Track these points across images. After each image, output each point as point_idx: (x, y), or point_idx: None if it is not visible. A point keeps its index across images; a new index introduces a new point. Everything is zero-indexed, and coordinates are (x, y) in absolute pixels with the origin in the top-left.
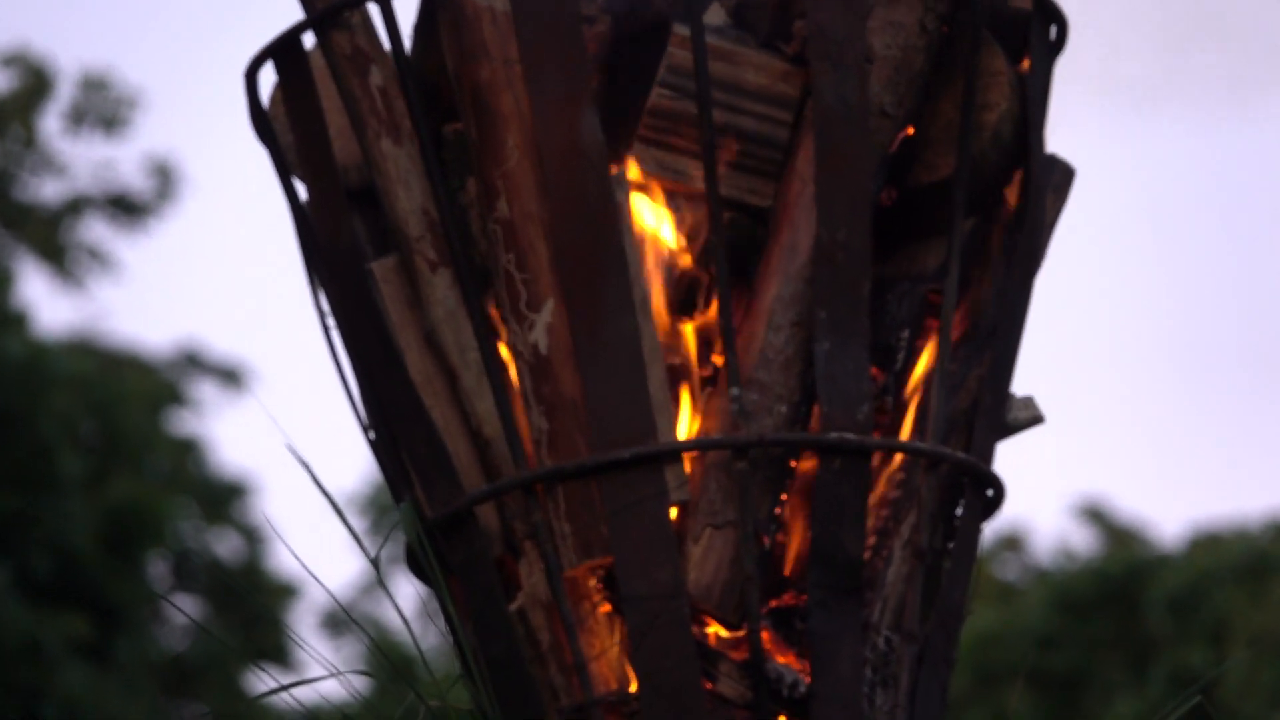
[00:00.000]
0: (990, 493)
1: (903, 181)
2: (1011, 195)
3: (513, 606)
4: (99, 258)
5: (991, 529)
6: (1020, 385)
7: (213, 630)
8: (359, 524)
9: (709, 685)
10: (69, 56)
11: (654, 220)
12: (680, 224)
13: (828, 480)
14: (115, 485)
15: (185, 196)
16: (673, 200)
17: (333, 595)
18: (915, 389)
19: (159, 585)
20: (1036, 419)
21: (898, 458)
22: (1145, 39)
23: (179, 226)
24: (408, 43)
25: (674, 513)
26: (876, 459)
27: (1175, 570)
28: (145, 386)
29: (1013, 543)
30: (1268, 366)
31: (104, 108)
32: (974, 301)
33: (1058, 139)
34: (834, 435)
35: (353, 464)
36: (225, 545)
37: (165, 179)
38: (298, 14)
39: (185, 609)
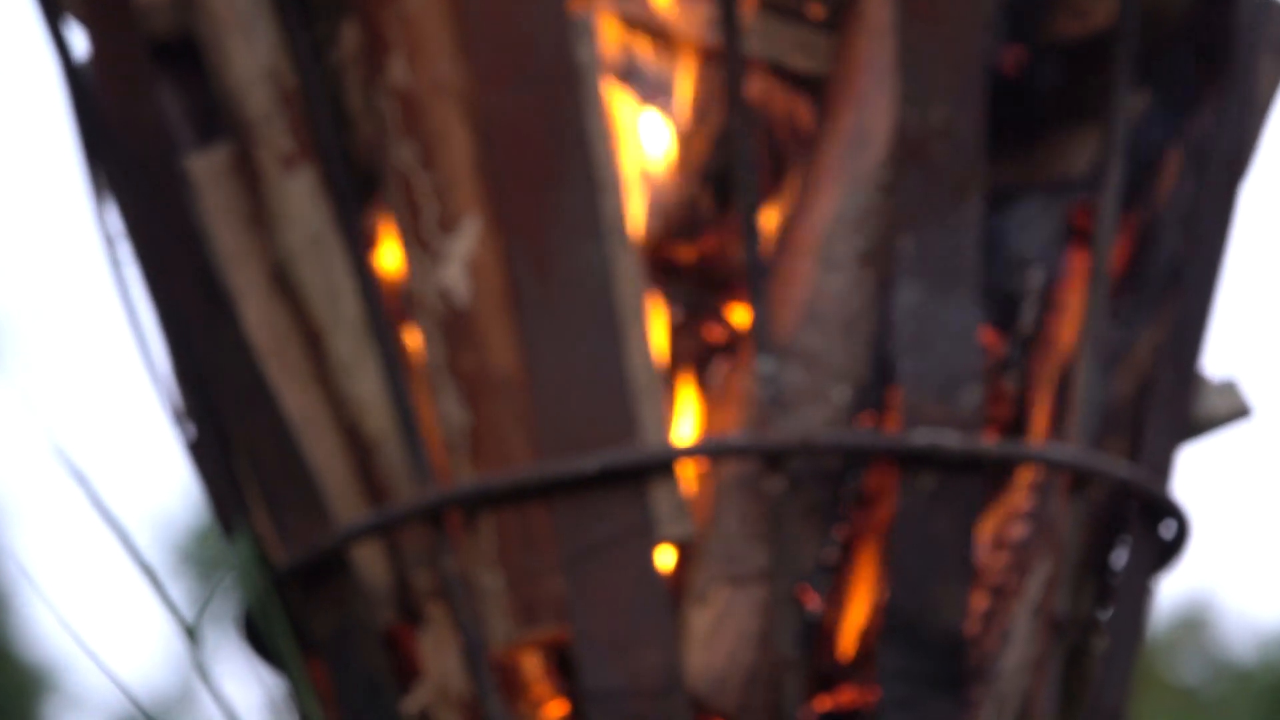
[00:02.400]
0: (1169, 529)
1: (1035, 36)
2: (1205, 58)
3: (409, 704)
4: None
5: (1172, 592)
6: (1215, 360)
7: None
8: (169, 574)
9: None
10: None
11: (639, 92)
12: (682, 98)
13: (914, 508)
14: None
15: None
16: (670, 61)
17: (123, 686)
18: (1051, 362)
19: None
20: (1241, 412)
21: (1023, 473)
22: None
23: None
24: None
25: (668, 558)
26: (990, 474)
27: None
28: None
29: (1195, 623)
30: None
31: None
32: (1145, 224)
33: None
34: (924, 436)
35: (160, 479)
36: None
37: None
38: None
39: None
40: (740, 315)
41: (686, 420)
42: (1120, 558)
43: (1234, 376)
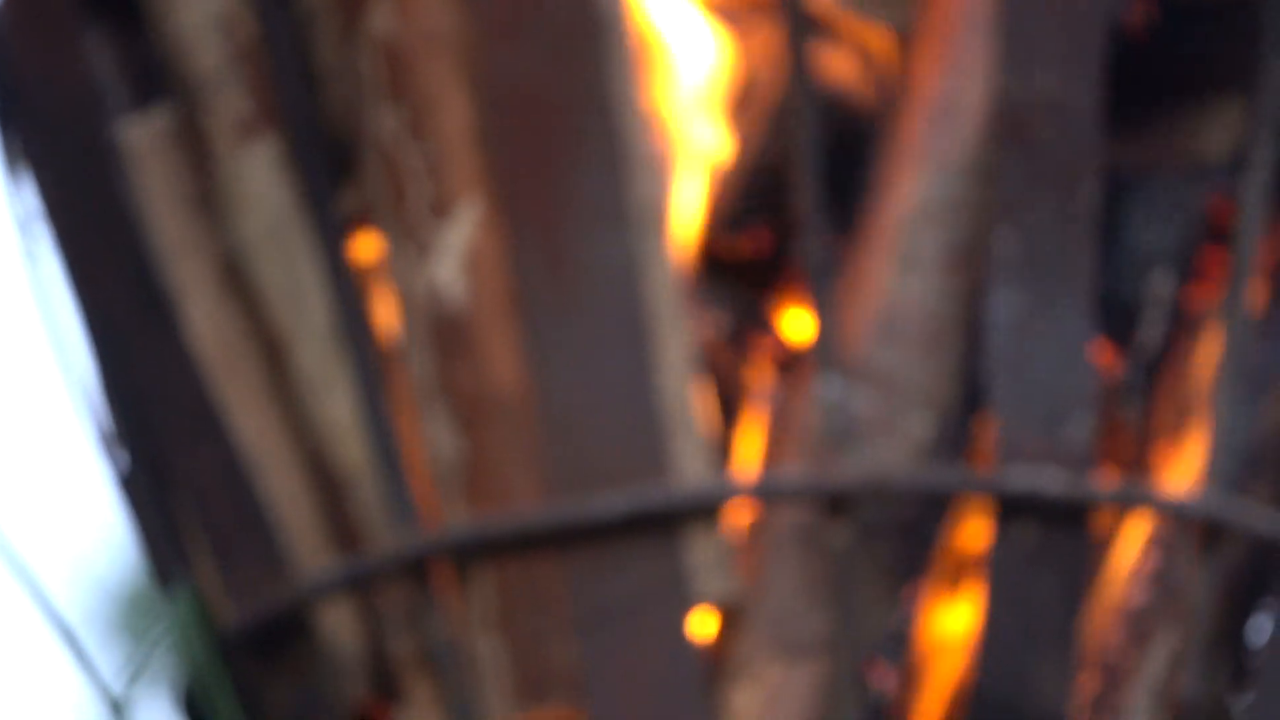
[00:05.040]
0: None
1: None
2: None
3: None
4: None
5: None
6: None
7: None
8: (93, 636)
9: None
10: None
11: (678, 52)
12: (731, 63)
13: (1009, 565)
14: None
15: None
16: (717, 18)
17: None
18: (1181, 388)
19: None
20: None
21: (1143, 522)
22: None
23: None
24: None
25: (707, 622)
26: (1102, 522)
27: None
28: None
29: None
30: None
31: None
32: None
33: None
34: (1023, 477)
35: (84, 520)
36: None
37: None
38: None
39: None
40: (800, 327)
41: (731, 455)
42: (1261, 629)
43: None
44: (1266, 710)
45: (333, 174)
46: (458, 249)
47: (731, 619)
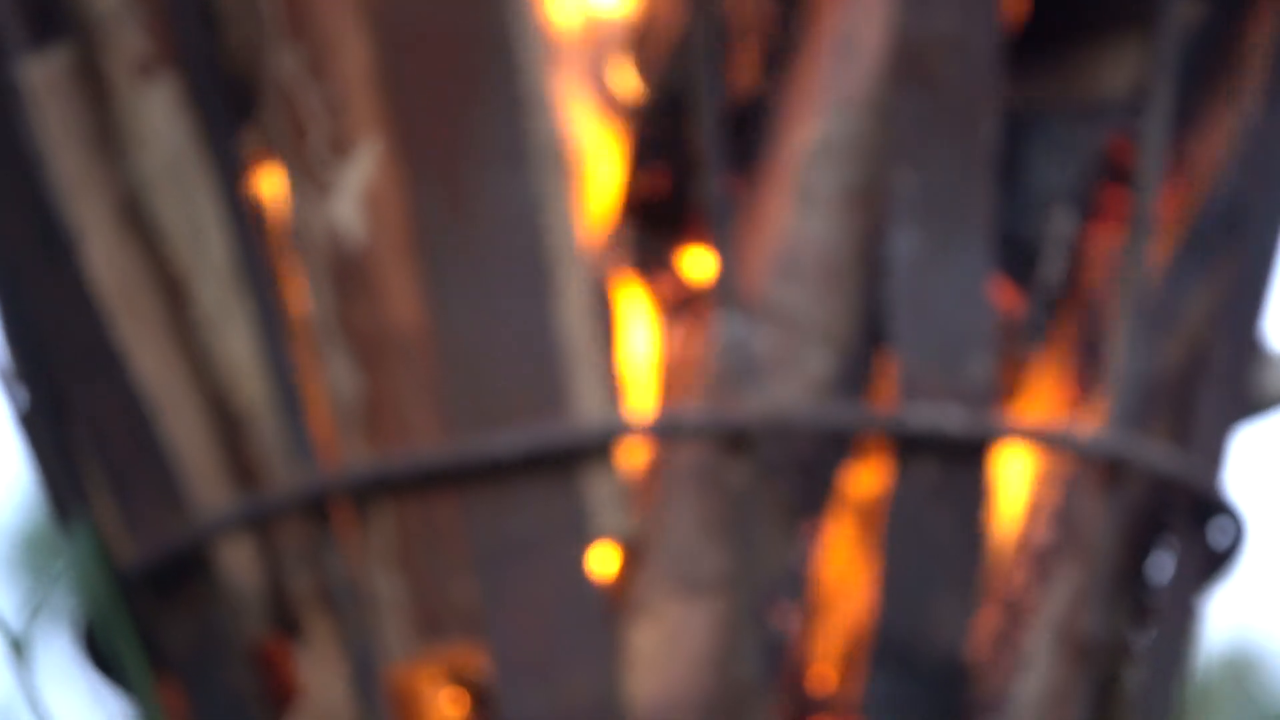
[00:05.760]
0: (1222, 532)
1: None
2: None
3: None
4: None
5: (1217, 625)
6: (1276, 326)
7: None
8: None
9: None
10: None
11: None
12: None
13: (910, 502)
14: None
15: None
16: None
17: None
18: (1080, 326)
19: None
20: None
21: (1043, 461)
22: None
23: None
24: None
25: (606, 560)
26: (1003, 460)
27: None
28: None
29: (1244, 666)
30: None
31: None
32: (1198, 160)
33: None
34: (923, 414)
35: None
36: None
37: None
38: None
39: None
40: (699, 264)
41: (630, 392)
42: (1162, 567)
43: None
44: (1165, 647)
45: (232, 113)
46: (357, 188)
47: (631, 556)
